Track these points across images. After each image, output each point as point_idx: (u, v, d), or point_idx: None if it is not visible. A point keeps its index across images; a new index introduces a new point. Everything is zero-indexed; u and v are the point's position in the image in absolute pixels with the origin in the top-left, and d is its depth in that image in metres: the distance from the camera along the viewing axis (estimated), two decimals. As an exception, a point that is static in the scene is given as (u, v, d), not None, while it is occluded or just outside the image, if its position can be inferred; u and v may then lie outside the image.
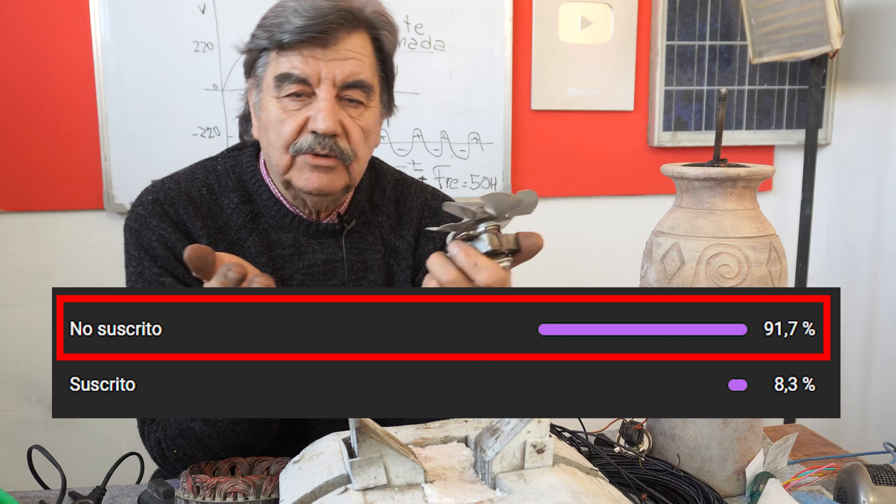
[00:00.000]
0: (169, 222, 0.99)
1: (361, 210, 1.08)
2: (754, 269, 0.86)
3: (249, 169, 1.05)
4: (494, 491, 0.62)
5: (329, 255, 1.05)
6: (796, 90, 2.37)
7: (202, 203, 1.02)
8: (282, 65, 0.95)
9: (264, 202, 1.04)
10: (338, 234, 1.05)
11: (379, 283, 1.07)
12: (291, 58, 0.94)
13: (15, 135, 1.95)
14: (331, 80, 0.94)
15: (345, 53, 0.95)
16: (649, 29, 2.27)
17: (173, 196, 1.01)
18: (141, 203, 1.01)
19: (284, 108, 0.96)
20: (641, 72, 2.29)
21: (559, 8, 2.19)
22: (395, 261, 1.10)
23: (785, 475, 0.92)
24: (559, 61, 2.21)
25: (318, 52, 0.94)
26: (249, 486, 0.75)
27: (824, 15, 1.92)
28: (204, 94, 2.00)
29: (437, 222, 1.12)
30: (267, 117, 0.98)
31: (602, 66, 2.25)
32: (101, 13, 1.92)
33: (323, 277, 1.04)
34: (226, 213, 1.03)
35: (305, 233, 1.04)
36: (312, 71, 0.94)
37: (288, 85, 0.94)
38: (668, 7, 2.24)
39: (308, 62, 0.94)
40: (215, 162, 1.07)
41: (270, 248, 1.03)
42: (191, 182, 1.04)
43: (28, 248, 2.01)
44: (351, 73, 0.95)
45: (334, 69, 0.94)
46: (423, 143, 2.16)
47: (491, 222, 0.76)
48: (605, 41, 2.24)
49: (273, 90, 0.96)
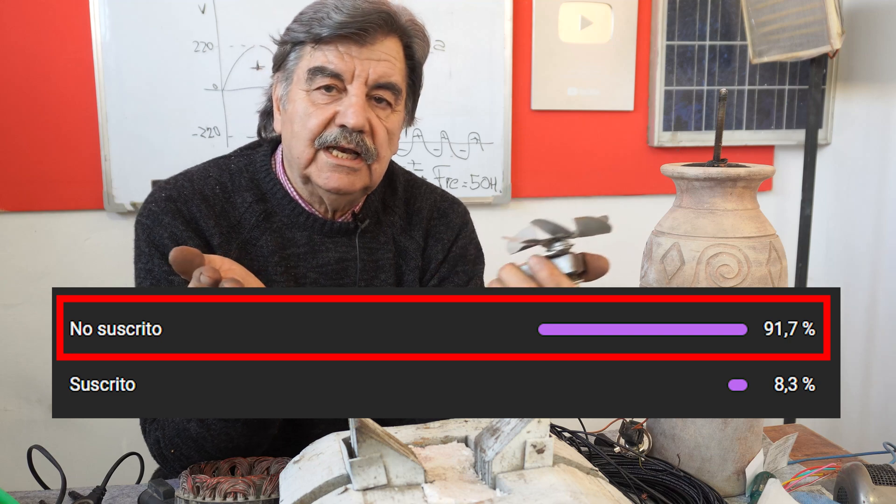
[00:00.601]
0: (181, 220, 0.99)
1: (374, 210, 1.09)
2: (754, 269, 0.86)
3: (263, 168, 1.05)
4: (494, 491, 0.62)
5: (342, 254, 1.05)
6: (796, 90, 2.37)
7: (215, 201, 1.02)
8: (316, 58, 0.96)
9: (278, 201, 1.04)
10: (351, 233, 1.06)
11: (389, 283, 1.08)
12: (327, 52, 0.95)
13: (15, 135, 1.95)
14: (364, 78, 0.95)
15: (379, 54, 0.96)
16: (649, 29, 2.27)
17: (186, 194, 1.01)
18: (154, 200, 1.01)
19: (313, 101, 0.96)
20: (641, 72, 2.29)
21: (559, 8, 2.19)
22: (405, 261, 1.10)
23: (785, 475, 0.92)
24: (559, 61, 2.21)
25: (353, 50, 0.95)
26: (249, 486, 0.75)
27: (824, 15, 1.92)
28: (204, 94, 2.00)
29: (446, 224, 1.13)
30: (294, 109, 0.98)
31: (602, 66, 2.25)
32: (101, 13, 1.92)
33: (336, 276, 1.05)
34: (239, 212, 1.03)
35: (320, 231, 1.04)
36: (347, 67, 0.95)
37: (320, 78, 0.95)
38: (668, 7, 2.24)
39: (343, 58, 0.95)
40: (229, 160, 1.07)
41: (284, 246, 1.03)
42: (204, 180, 1.04)
43: (28, 248, 2.01)
44: (384, 73, 0.96)
45: (368, 67, 0.95)
46: (423, 143, 2.16)
47: (566, 241, 0.78)
48: (605, 41, 2.24)
49: (304, 83, 0.97)
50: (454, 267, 1.12)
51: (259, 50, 2.00)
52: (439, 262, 1.12)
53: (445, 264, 1.12)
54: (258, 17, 2.00)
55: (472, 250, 1.16)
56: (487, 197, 2.22)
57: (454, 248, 1.13)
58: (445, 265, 1.12)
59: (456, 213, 1.15)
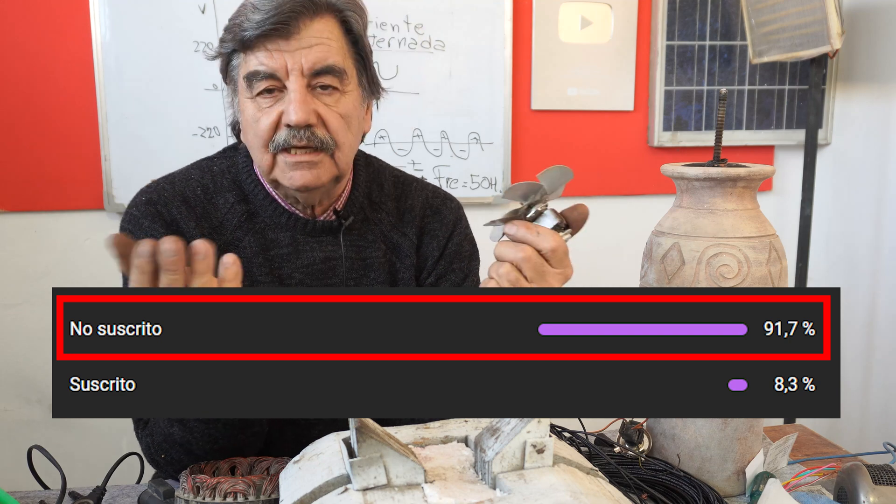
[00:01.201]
0: (161, 223, 0.99)
1: (360, 207, 1.08)
2: (754, 269, 0.86)
3: (245, 169, 1.05)
4: (494, 491, 0.62)
5: (328, 254, 1.04)
6: (796, 90, 2.37)
7: (196, 203, 1.02)
8: (250, 63, 0.94)
9: (260, 202, 1.03)
10: (336, 231, 1.05)
11: (380, 282, 1.07)
12: (258, 54, 0.93)
13: (15, 135, 1.95)
14: (298, 70, 0.93)
15: (309, 41, 0.93)
16: (649, 29, 2.27)
17: (167, 196, 1.01)
18: (134, 204, 1.01)
19: (259, 106, 0.95)
20: (641, 72, 2.29)
21: (559, 8, 2.19)
22: (399, 258, 1.09)
23: (785, 475, 0.92)
24: (559, 61, 2.21)
25: (281, 44, 0.92)
26: (249, 486, 0.75)
27: (824, 15, 1.92)
28: (204, 94, 2.00)
29: (440, 221, 1.13)
30: (245, 119, 0.97)
31: (602, 66, 2.25)
32: (101, 13, 1.92)
33: (322, 276, 1.04)
34: (221, 213, 1.02)
35: (303, 231, 1.03)
36: (278, 64, 0.92)
37: (258, 82, 0.94)
38: (668, 7, 2.24)
39: (273, 56, 0.92)
40: (211, 162, 1.07)
41: (268, 247, 1.02)
42: (186, 182, 1.03)
43: (28, 248, 2.01)
44: (318, 59, 0.93)
45: (300, 58, 0.93)
46: (423, 143, 2.16)
47: (540, 204, 0.82)
48: (605, 41, 2.24)
49: (246, 91, 0.95)
50: (450, 264, 1.12)
51: (259, 50, 2.00)
52: (436, 260, 1.11)
53: (442, 261, 1.11)
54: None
55: (468, 246, 1.15)
56: (487, 197, 2.22)
57: (450, 244, 1.12)
58: (442, 262, 1.11)
59: (449, 210, 1.14)
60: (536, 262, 0.80)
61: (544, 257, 0.81)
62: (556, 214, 0.82)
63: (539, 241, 0.80)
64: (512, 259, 0.80)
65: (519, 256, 0.80)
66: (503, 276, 0.81)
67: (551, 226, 0.81)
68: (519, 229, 0.81)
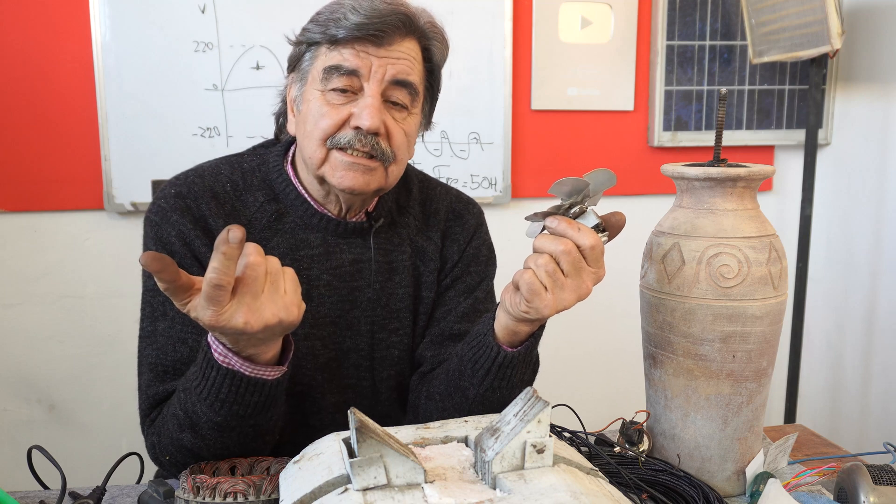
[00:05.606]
0: (190, 218, 0.98)
1: (388, 210, 1.08)
2: (754, 269, 0.86)
3: (276, 167, 1.04)
4: (494, 491, 0.62)
5: (357, 255, 1.04)
6: (796, 90, 2.37)
7: (226, 199, 1.01)
8: (332, 57, 0.95)
9: (291, 201, 1.03)
10: (366, 233, 1.05)
11: (405, 285, 1.08)
12: (343, 51, 0.94)
13: (15, 135, 1.95)
14: (380, 77, 0.94)
15: (397, 53, 0.95)
16: (649, 29, 2.27)
17: (197, 191, 1.00)
18: (163, 196, 1.00)
19: (328, 101, 0.95)
20: (641, 72, 2.29)
21: (559, 8, 2.19)
22: (423, 262, 1.10)
23: (785, 475, 0.92)
24: (559, 61, 2.21)
25: (370, 49, 0.94)
26: (249, 486, 0.75)
27: (824, 15, 1.92)
28: (204, 94, 2.00)
29: (462, 225, 1.13)
30: (308, 109, 0.97)
31: (602, 66, 2.25)
32: (101, 13, 1.92)
33: (350, 278, 1.04)
34: (250, 212, 1.02)
35: (334, 232, 1.03)
36: (364, 64, 0.94)
37: (336, 78, 0.94)
38: (668, 7, 2.24)
39: (360, 56, 0.94)
40: (241, 158, 1.07)
41: (297, 247, 1.02)
42: (215, 177, 1.03)
43: (28, 248, 2.01)
44: (401, 71, 0.95)
45: (386, 65, 0.94)
46: (424, 143, 2.16)
47: (581, 205, 0.83)
48: (605, 41, 2.24)
49: (319, 83, 0.96)
50: (467, 267, 1.13)
51: (259, 50, 2.00)
52: (454, 263, 1.12)
53: (459, 264, 1.12)
54: (258, 17, 2.00)
55: (485, 251, 1.16)
56: (487, 197, 2.22)
57: (468, 248, 1.13)
58: (459, 265, 1.12)
59: (471, 214, 1.16)
60: (575, 257, 0.81)
61: (582, 254, 0.81)
62: (597, 216, 0.83)
63: (579, 238, 0.80)
64: (552, 251, 0.81)
65: (559, 249, 0.80)
66: (541, 267, 0.81)
67: (592, 225, 0.82)
68: (560, 223, 0.81)
